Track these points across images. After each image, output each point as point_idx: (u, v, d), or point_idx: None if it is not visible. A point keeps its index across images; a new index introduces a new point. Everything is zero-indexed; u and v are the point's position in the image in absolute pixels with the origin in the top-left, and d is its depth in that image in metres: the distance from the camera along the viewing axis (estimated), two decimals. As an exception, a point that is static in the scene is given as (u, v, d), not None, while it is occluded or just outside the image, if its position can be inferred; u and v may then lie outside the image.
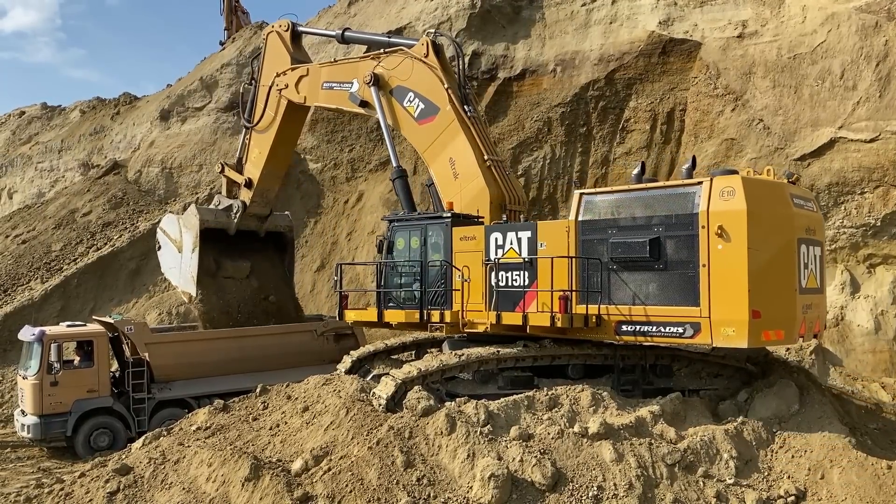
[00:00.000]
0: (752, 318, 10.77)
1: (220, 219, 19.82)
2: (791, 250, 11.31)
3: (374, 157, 28.83)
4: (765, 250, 10.89)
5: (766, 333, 11.03)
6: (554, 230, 12.54)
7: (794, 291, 11.29)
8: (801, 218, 11.65)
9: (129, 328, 17.55)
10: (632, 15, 24.25)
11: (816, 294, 12.12)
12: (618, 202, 12.00)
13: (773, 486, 10.26)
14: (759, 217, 10.88)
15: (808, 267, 11.70)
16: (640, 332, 11.65)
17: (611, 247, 11.78)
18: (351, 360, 14.90)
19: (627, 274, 11.75)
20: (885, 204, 18.71)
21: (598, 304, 12.01)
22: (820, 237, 12.36)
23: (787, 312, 11.26)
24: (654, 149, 23.47)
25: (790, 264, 11.28)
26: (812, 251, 11.87)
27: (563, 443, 10.42)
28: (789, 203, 11.42)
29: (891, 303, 18.71)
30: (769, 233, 11.00)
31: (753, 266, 10.76)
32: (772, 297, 10.96)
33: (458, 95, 15.07)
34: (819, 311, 12.31)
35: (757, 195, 10.99)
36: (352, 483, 9.85)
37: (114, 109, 40.93)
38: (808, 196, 12.55)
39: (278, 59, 19.02)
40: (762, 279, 10.84)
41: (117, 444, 16.45)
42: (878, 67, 18.75)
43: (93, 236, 31.10)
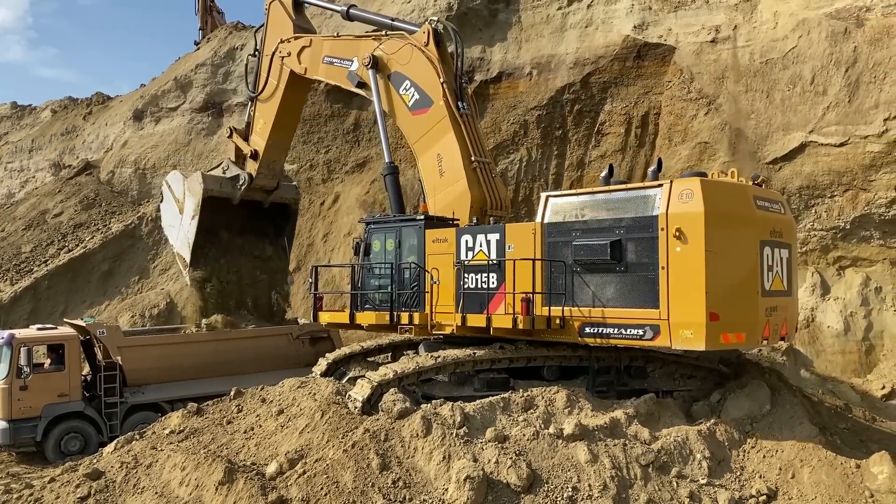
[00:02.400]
0: (710, 321, 10.72)
1: (224, 188, 19.63)
2: (752, 252, 11.28)
3: (351, 159, 28.76)
4: (723, 252, 10.87)
5: (726, 336, 11.00)
6: (521, 232, 12.61)
7: (757, 294, 11.28)
8: (766, 220, 11.62)
9: (101, 331, 17.31)
10: (607, 19, 24.43)
11: (783, 297, 12.04)
12: (582, 205, 12.06)
13: (745, 486, 10.39)
14: (717, 219, 10.84)
15: (772, 269, 11.65)
16: (602, 334, 11.66)
17: (574, 249, 11.83)
18: (327, 362, 14.82)
19: (590, 276, 11.78)
20: (854, 207, 19.02)
21: (561, 306, 12.04)
22: (788, 240, 12.26)
23: (748, 315, 11.25)
24: (628, 152, 23.66)
25: (751, 266, 11.26)
26: (778, 254, 11.84)
27: (539, 444, 10.46)
28: (751, 205, 11.44)
29: (860, 304, 19.03)
30: (728, 235, 10.97)
31: (711, 268, 10.72)
32: (731, 299, 10.95)
33: (454, 90, 14.92)
34: (787, 314, 12.22)
35: (715, 197, 10.96)
36: (327, 486, 9.81)
37: (86, 109, 40.45)
38: (775, 198, 12.51)
39: (281, 27, 18.89)
40: (720, 281, 10.79)
41: (89, 448, 16.19)
42: (847, 73, 19.07)
43: (64, 237, 30.70)
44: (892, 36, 18.55)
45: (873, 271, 19.17)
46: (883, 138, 18.39)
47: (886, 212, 18.63)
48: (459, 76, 15.11)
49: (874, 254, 19.13)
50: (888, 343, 18.69)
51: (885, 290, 18.94)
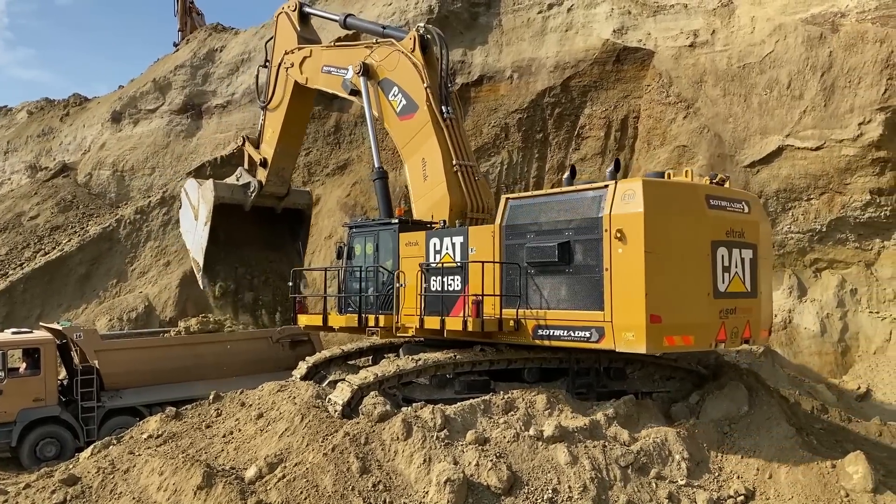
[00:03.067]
0: (650, 323, 10.54)
1: (236, 195, 20.19)
2: (702, 253, 11.08)
3: (332, 161, 28.67)
4: (665, 253, 10.67)
5: (670, 339, 10.81)
6: (482, 235, 12.68)
7: (707, 295, 11.08)
8: (721, 220, 11.40)
9: (77, 335, 17.12)
10: (587, 23, 24.57)
11: (745, 298, 11.78)
12: (536, 207, 12.09)
13: (723, 487, 10.48)
14: (658, 220, 10.69)
15: (730, 270, 11.42)
16: (553, 336, 11.66)
17: (527, 251, 11.87)
18: (307, 366, 14.78)
19: (542, 278, 11.80)
20: (830, 210, 19.26)
21: (515, 308, 12.09)
22: (752, 239, 11.94)
23: (696, 317, 11.05)
24: (608, 155, 23.78)
25: (700, 268, 11.05)
26: (739, 254, 11.62)
27: (519, 446, 10.49)
28: (702, 205, 11.25)
29: (836, 306, 19.27)
30: (671, 236, 10.79)
31: (651, 270, 10.53)
32: (675, 301, 10.77)
33: (438, 95, 15.04)
34: (751, 316, 11.91)
35: (657, 198, 10.83)
36: (307, 490, 9.77)
37: (63, 111, 40.03)
38: (738, 197, 12.19)
39: (287, 39, 19.38)
40: (662, 283, 10.62)
41: (65, 454, 16.00)
42: (822, 78, 19.32)
43: (40, 240, 30.33)
44: (865, 41, 18.82)
45: (849, 273, 19.42)
46: (858, 142, 18.64)
47: (861, 214, 18.88)
48: (444, 81, 15.21)
49: (850, 256, 19.38)
50: (863, 344, 18.95)
51: (860, 292, 19.19)
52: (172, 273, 27.96)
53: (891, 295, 18.91)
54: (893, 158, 18.57)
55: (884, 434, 14.98)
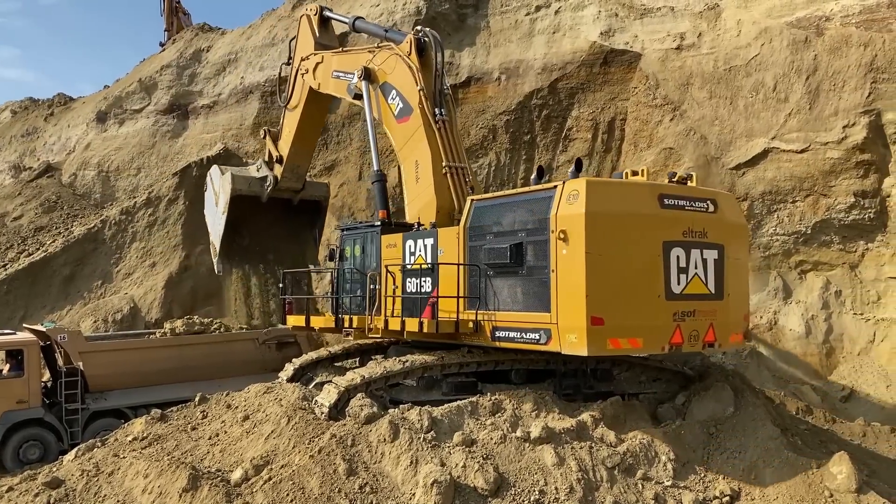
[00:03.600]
0: (592, 325, 10.43)
1: (253, 188, 20.66)
2: (652, 254, 10.87)
3: (319, 162, 28.58)
4: (609, 254, 10.55)
5: (615, 341, 10.67)
6: (449, 237, 12.73)
7: (658, 297, 10.86)
8: (676, 219, 11.16)
9: (62, 336, 16.99)
10: (574, 25, 24.63)
11: (709, 300, 11.45)
12: (497, 208, 12.11)
13: (709, 487, 10.52)
14: (601, 220, 10.57)
15: (687, 271, 11.14)
16: (509, 338, 11.67)
17: (485, 252, 11.91)
18: (293, 367, 14.75)
19: (499, 280, 11.82)
20: (815, 212, 19.39)
21: (475, 310, 12.15)
22: (717, 239, 11.60)
23: (645, 320, 10.84)
24: (595, 157, 23.86)
25: (650, 268, 10.85)
26: (700, 254, 11.32)
27: (506, 448, 10.49)
28: (653, 204, 11.01)
29: (820, 308, 19.39)
30: (616, 236, 10.65)
31: (592, 271, 10.42)
32: (620, 303, 10.62)
33: (432, 97, 15.10)
34: (716, 318, 11.54)
35: (600, 198, 10.72)
36: (293, 492, 9.73)
37: (47, 110, 39.74)
38: (703, 196, 11.82)
39: (305, 44, 19.71)
40: (605, 284, 10.51)
41: (48, 456, 15.86)
42: (808, 81, 19.45)
43: (24, 241, 30.07)
44: (850, 45, 18.97)
45: (833, 275, 19.55)
46: (842, 145, 18.78)
47: (846, 217, 19.03)
48: (438, 83, 15.27)
49: (834, 258, 19.52)
50: (847, 345, 19.08)
51: (844, 294, 19.33)
52: (158, 274, 27.80)
53: (874, 297, 19.06)
54: (877, 161, 18.73)
55: (868, 434, 15.13)
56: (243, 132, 30.12)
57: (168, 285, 27.28)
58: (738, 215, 12.69)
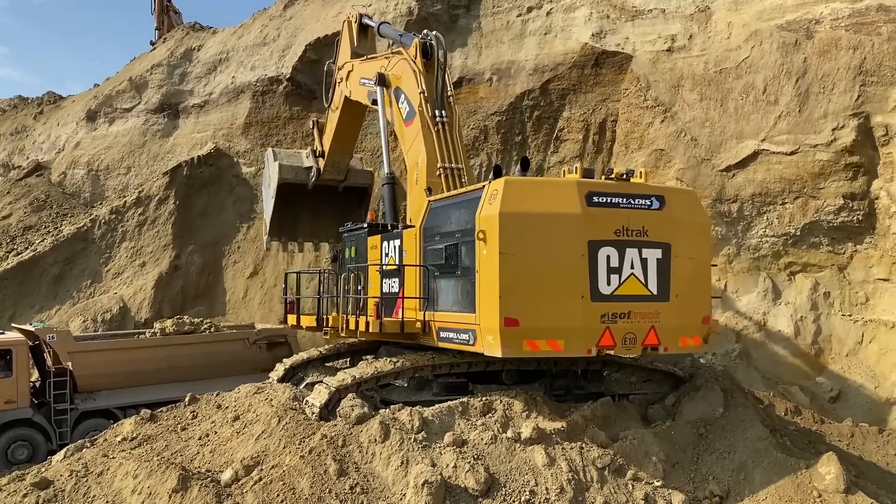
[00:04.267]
0: (505, 326, 10.36)
1: (299, 176, 21.43)
2: (574, 254, 10.63)
3: (315, 162, 28.52)
4: (526, 255, 10.44)
5: (532, 343, 10.57)
6: (409, 238, 12.86)
7: (582, 298, 10.62)
8: (607, 218, 10.84)
9: (51, 336, 16.92)
10: (566, 27, 24.68)
11: (649, 301, 11.07)
12: (445, 209, 12.18)
13: (698, 488, 10.57)
14: (516, 220, 10.48)
15: (620, 271, 10.85)
16: (449, 338, 11.74)
17: (430, 254, 12.07)
18: (284, 368, 14.74)
19: (442, 281, 11.95)
20: (804, 214, 19.49)
21: (423, 311, 12.30)
22: (660, 237, 11.14)
23: (566, 321, 10.64)
24: (586, 158, 23.90)
25: (573, 269, 10.62)
26: (639, 253, 10.99)
27: (497, 448, 10.50)
28: (577, 203, 10.73)
29: (809, 309, 19.50)
30: (534, 236, 10.52)
31: (506, 271, 10.37)
32: (538, 304, 10.48)
33: (432, 99, 15.15)
34: (658, 321, 11.12)
35: (517, 197, 10.64)
36: (283, 493, 9.71)
37: (37, 109, 39.51)
38: (646, 193, 11.36)
39: (344, 50, 19.93)
40: (520, 285, 10.42)
41: (37, 457, 15.79)
42: (797, 83, 19.56)
43: (13, 240, 29.88)
44: (839, 48, 19.09)
45: (822, 277, 19.66)
46: (831, 147, 18.90)
47: (834, 219, 19.14)
48: (439, 85, 15.31)
49: (823, 260, 19.63)
50: (836, 347, 19.20)
51: (833, 296, 19.44)
52: (148, 274, 27.69)
53: (863, 298, 19.18)
54: (866, 164, 18.85)
55: (856, 435, 15.22)
56: (234, 132, 30.02)
57: (158, 285, 27.18)
58: (694, 212, 11.96)
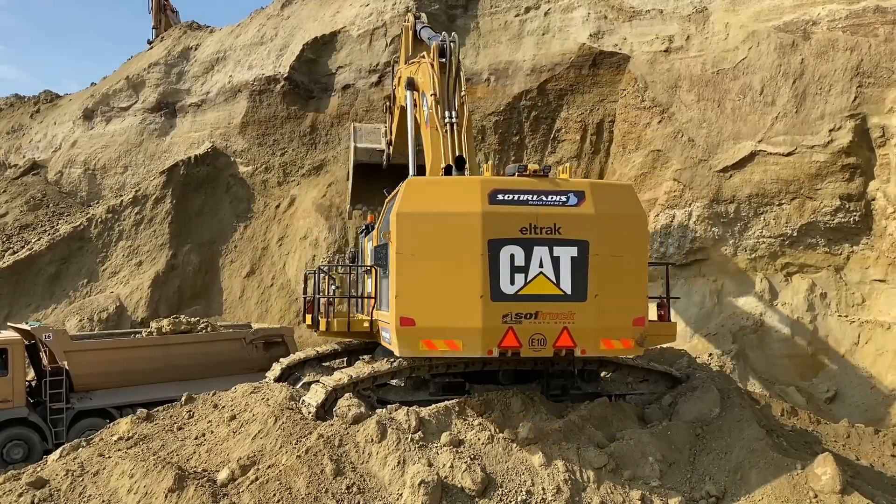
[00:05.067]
0: (401, 326, 10.46)
1: (373, 158, 22.46)
2: (472, 253, 10.48)
3: (307, 161, 28.53)
4: (423, 254, 10.49)
5: (429, 343, 10.57)
6: (374, 238, 13.29)
7: (481, 298, 10.46)
8: (511, 215, 10.64)
9: (47, 335, 16.87)
10: (563, 27, 24.69)
11: (560, 301, 10.73)
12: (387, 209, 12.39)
13: (695, 488, 10.58)
14: (414, 220, 10.56)
15: (526, 270, 10.62)
16: (384, 337, 11.91)
17: (375, 253, 12.42)
18: (280, 367, 14.73)
19: (379, 280, 12.28)
20: (801, 215, 19.51)
21: (371, 310, 12.61)
22: (575, 235, 10.78)
23: (465, 322, 10.53)
24: (583, 158, 23.92)
25: (471, 268, 10.47)
26: (549, 251, 10.70)
27: (494, 448, 10.50)
28: (479, 201, 10.61)
29: (806, 310, 19.52)
30: (432, 236, 10.54)
31: (402, 271, 10.49)
32: (435, 304, 10.49)
33: (443, 100, 15.20)
34: (572, 322, 10.76)
35: (418, 198, 10.74)
36: (280, 492, 9.70)
37: (33, 107, 39.43)
38: (562, 189, 11.04)
39: (402, 55, 20.53)
40: (417, 285, 10.48)
41: (32, 456, 15.75)
42: (794, 84, 19.59)
43: (9, 239, 29.81)
44: (836, 49, 19.12)
45: (819, 277, 19.68)
46: (828, 148, 18.92)
47: (831, 220, 19.17)
48: (449, 87, 15.33)
49: (819, 260, 19.66)
50: (832, 347, 19.22)
51: (829, 296, 19.46)
52: (144, 273, 27.65)
53: (859, 299, 19.21)
54: (862, 165, 18.88)
55: (852, 436, 15.23)
56: (231, 131, 29.98)
57: (154, 284, 27.13)
58: (623, 207, 11.33)
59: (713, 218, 20.24)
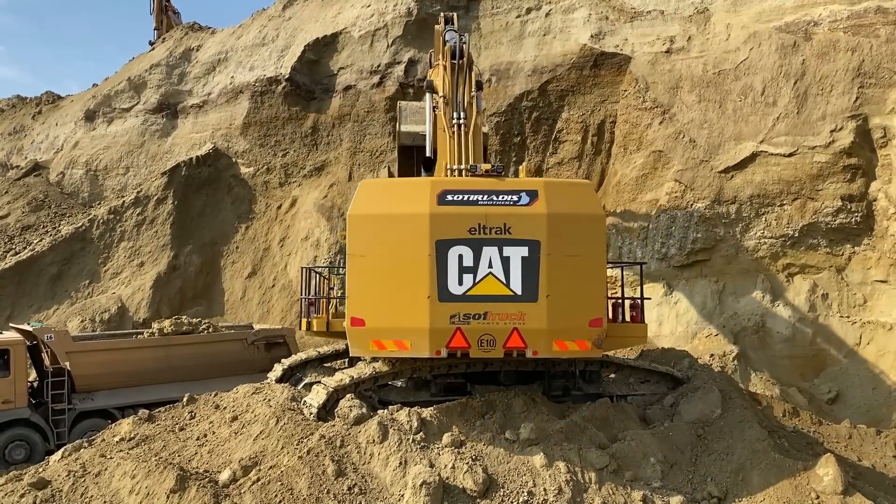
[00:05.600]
0: (352, 326, 10.67)
1: (416, 141, 21.79)
2: (420, 253, 10.49)
3: (309, 162, 28.56)
4: (374, 255, 10.60)
5: (378, 343, 10.68)
6: None
7: (428, 299, 10.46)
8: (460, 216, 10.61)
9: (48, 336, 16.87)
10: (565, 28, 24.71)
11: (511, 302, 10.60)
12: None
13: (696, 489, 10.57)
14: (365, 222, 10.72)
15: (475, 270, 10.57)
16: None
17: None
18: (282, 368, 14.72)
19: None
20: (802, 216, 19.52)
21: None
22: (528, 234, 10.63)
23: (412, 322, 10.57)
24: (585, 159, 23.94)
25: (419, 269, 10.50)
26: (499, 252, 10.60)
27: (495, 449, 10.50)
28: (427, 202, 10.63)
29: (807, 310, 19.52)
30: (382, 237, 10.64)
31: (354, 272, 10.63)
32: (385, 305, 10.60)
33: (453, 101, 15.18)
34: (523, 322, 10.63)
35: (370, 199, 10.85)
36: (281, 493, 9.71)
37: (35, 108, 39.45)
38: (515, 188, 10.93)
39: (434, 57, 20.26)
40: (368, 286, 10.61)
41: (34, 457, 15.76)
42: (796, 85, 19.60)
43: (11, 240, 29.85)
44: (837, 50, 19.13)
45: (820, 278, 19.68)
46: (829, 149, 18.93)
47: (832, 220, 19.17)
48: (461, 88, 15.32)
49: (821, 261, 19.65)
50: (834, 348, 19.22)
51: (831, 297, 19.46)
52: (146, 274, 27.68)
53: (861, 300, 19.20)
54: (864, 165, 18.88)
55: (854, 437, 15.21)
56: (233, 132, 30.02)
57: (156, 285, 27.16)
58: (579, 206, 11.04)
59: (715, 219, 20.24)
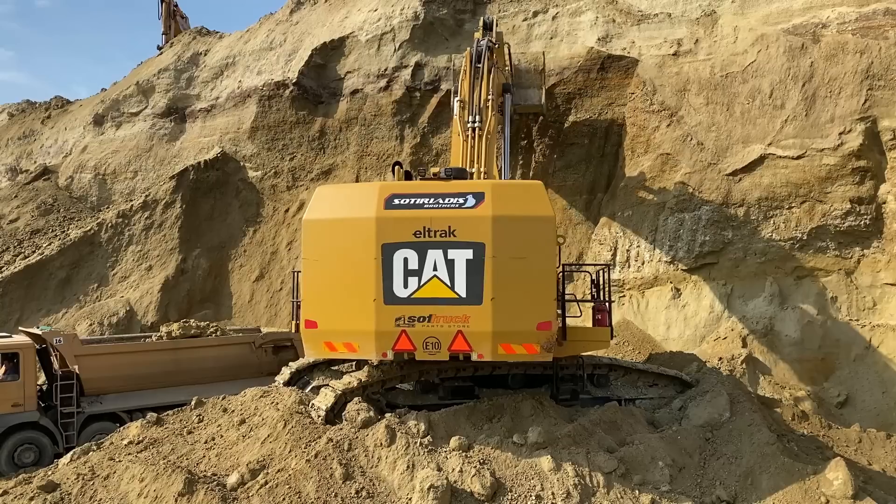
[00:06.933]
0: (306, 328, 11.03)
1: None
2: (367, 257, 10.61)
3: (316, 166, 28.60)
4: (325, 259, 10.91)
5: (330, 345, 11.02)
6: None
7: (374, 301, 10.59)
8: (406, 220, 10.65)
9: (57, 339, 16.93)
10: (572, 31, 24.68)
11: (456, 304, 10.54)
12: None
13: (705, 493, 10.53)
14: (318, 226, 11.07)
15: (420, 273, 10.57)
16: None
17: None
18: (290, 371, 14.72)
19: None
20: (810, 218, 19.43)
21: None
22: (472, 237, 10.55)
23: (358, 324, 10.77)
24: (592, 162, 23.89)
25: (366, 272, 10.63)
26: (444, 254, 10.57)
27: (503, 452, 10.49)
28: (374, 206, 10.76)
29: (816, 314, 19.42)
30: (332, 241, 10.94)
31: (307, 276, 10.99)
32: (333, 307, 10.90)
33: (470, 106, 15.20)
34: (468, 325, 10.55)
35: (323, 204, 11.19)
36: (289, 497, 9.72)
37: (44, 113, 39.68)
38: (462, 191, 10.90)
39: None
40: (320, 289, 10.94)
41: (43, 460, 15.80)
42: (804, 87, 19.52)
43: (20, 244, 30.02)
44: (846, 52, 19.05)
45: (829, 281, 19.58)
46: (838, 151, 18.84)
47: (841, 223, 19.08)
48: (477, 91, 15.34)
49: (830, 264, 19.55)
50: (843, 351, 19.11)
51: (840, 300, 19.35)
52: (154, 277, 27.77)
53: (870, 303, 19.09)
54: (873, 168, 18.79)
55: (863, 441, 15.13)
56: (241, 136, 30.10)
57: (164, 288, 27.24)
58: (527, 207, 10.88)
59: (723, 221, 20.17)
